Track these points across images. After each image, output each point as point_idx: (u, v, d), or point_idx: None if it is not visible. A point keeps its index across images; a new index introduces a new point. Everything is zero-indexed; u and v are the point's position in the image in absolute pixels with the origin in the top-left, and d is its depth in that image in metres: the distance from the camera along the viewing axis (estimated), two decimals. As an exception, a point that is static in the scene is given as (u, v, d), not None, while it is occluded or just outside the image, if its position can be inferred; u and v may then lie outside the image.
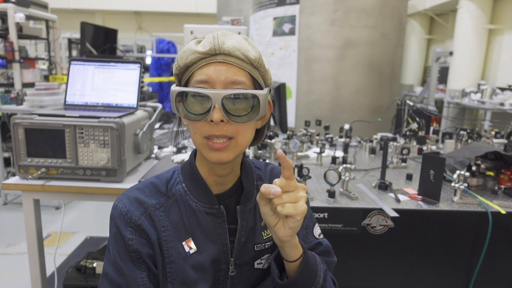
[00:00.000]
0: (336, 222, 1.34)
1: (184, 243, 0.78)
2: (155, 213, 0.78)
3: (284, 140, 2.17)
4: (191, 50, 0.73)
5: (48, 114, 1.46)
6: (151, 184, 0.82)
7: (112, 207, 0.81)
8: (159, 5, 11.11)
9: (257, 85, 0.75)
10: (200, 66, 0.72)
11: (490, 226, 1.30)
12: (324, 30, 3.36)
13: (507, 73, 5.76)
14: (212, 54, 0.71)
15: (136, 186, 0.83)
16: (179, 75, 0.77)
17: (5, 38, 3.62)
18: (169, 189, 0.81)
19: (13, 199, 3.79)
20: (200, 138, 0.73)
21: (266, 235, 0.85)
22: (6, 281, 2.45)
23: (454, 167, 1.53)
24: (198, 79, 0.72)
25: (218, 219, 0.80)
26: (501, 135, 2.34)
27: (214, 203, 0.80)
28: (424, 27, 8.25)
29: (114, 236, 0.78)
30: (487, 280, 1.38)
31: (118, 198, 0.81)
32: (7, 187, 1.48)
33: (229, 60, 0.71)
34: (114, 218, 0.79)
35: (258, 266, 0.85)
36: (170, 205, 0.80)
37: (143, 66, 1.68)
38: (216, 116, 0.69)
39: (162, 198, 0.80)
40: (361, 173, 1.77)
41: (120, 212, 0.78)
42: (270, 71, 0.80)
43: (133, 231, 0.76)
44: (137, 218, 0.77)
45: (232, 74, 0.71)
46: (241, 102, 0.72)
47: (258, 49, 0.76)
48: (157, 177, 0.84)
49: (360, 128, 3.05)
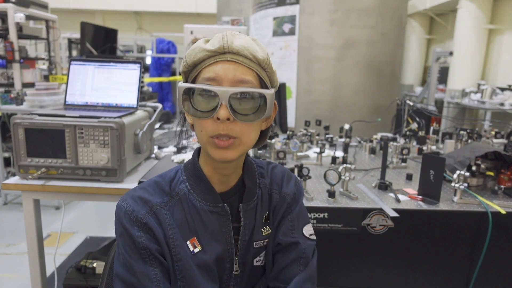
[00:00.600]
0: (336, 222, 1.34)
1: (189, 242, 0.78)
2: (160, 211, 0.78)
3: (284, 140, 2.16)
4: (200, 48, 0.73)
5: (48, 114, 1.46)
6: (154, 183, 0.82)
7: (116, 207, 0.80)
8: (159, 5, 11.11)
9: (264, 86, 0.76)
10: (208, 64, 0.72)
11: (490, 226, 1.30)
12: (324, 30, 3.36)
13: (507, 73, 5.76)
14: (220, 53, 0.72)
15: (139, 186, 0.83)
16: (186, 73, 0.77)
17: (5, 38, 3.62)
18: (172, 188, 0.81)
19: (13, 199, 3.79)
20: (206, 137, 0.73)
21: (265, 232, 0.86)
22: (6, 281, 2.45)
23: (454, 167, 1.53)
24: (206, 76, 0.72)
25: (222, 217, 0.80)
26: (501, 135, 2.34)
27: (218, 201, 0.80)
28: (424, 27, 8.25)
29: (121, 236, 0.77)
30: (487, 280, 1.38)
31: (121, 198, 0.80)
32: (7, 187, 1.48)
33: (237, 59, 0.72)
34: (119, 217, 0.78)
35: (257, 263, 0.86)
36: (174, 204, 0.79)
37: (143, 66, 1.68)
38: (222, 114, 0.69)
39: (166, 197, 0.80)
40: (361, 173, 1.77)
41: (125, 212, 0.77)
42: (277, 73, 0.80)
43: (140, 229, 0.76)
44: (143, 216, 0.76)
45: (240, 73, 0.71)
46: (248, 101, 0.72)
47: (266, 50, 0.77)
48: (160, 176, 0.84)
49: (360, 128, 3.05)
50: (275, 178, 0.91)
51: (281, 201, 0.89)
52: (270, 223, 0.87)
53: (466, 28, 5.89)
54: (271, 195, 0.89)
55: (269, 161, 0.95)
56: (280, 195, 0.89)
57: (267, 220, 0.87)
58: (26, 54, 3.99)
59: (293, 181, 0.92)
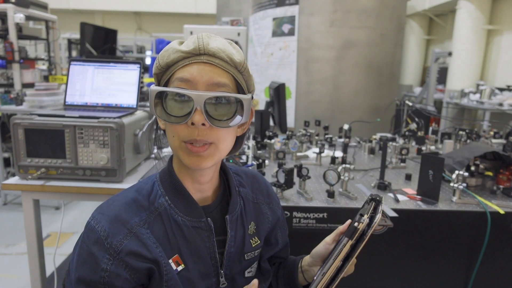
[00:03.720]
0: (335, 222, 1.35)
1: (171, 260, 0.72)
2: (140, 231, 0.70)
3: (283, 140, 2.17)
4: (174, 49, 0.69)
5: (47, 114, 1.46)
6: (131, 200, 0.74)
7: (85, 226, 0.71)
8: (159, 6, 11.12)
9: (240, 90, 0.72)
10: (182, 65, 0.68)
11: (488, 226, 1.30)
12: (323, 30, 3.37)
13: (506, 73, 5.77)
14: (196, 54, 0.68)
15: (113, 201, 0.74)
16: (158, 75, 0.73)
17: (5, 39, 3.62)
18: (151, 203, 0.74)
19: (13, 199, 3.79)
20: (178, 141, 0.69)
21: (254, 243, 0.84)
22: (6, 281, 2.45)
23: (453, 167, 1.53)
24: (179, 76, 0.68)
25: (205, 232, 0.76)
26: (500, 135, 2.35)
27: (201, 216, 0.75)
28: (423, 27, 8.26)
29: (83, 262, 0.68)
30: (486, 280, 1.39)
31: (94, 218, 0.71)
32: (7, 187, 1.48)
33: (213, 61, 0.68)
34: (87, 242, 0.69)
35: (248, 274, 0.85)
36: (153, 220, 0.73)
37: (143, 67, 1.68)
38: (197, 119, 0.65)
39: (144, 214, 0.72)
40: (360, 173, 1.77)
41: (98, 237, 0.68)
42: (253, 78, 0.77)
43: (111, 260, 0.67)
44: (118, 243, 0.68)
45: (216, 75, 0.68)
46: (224, 106, 0.68)
47: (243, 54, 0.73)
48: (136, 190, 0.76)
49: (359, 128, 3.05)
50: (258, 187, 0.91)
51: (272, 213, 0.91)
52: (257, 233, 0.86)
53: (465, 28, 5.90)
54: (258, 205, 0.89)
55: (244, 169, 0.93)
56: (269, 206, 0.91)
57: (254, 231, 0.85)
58: (26, 55, 4.00)
59: (271, 188, 0.96)
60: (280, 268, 0.98)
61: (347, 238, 0.67)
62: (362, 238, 0.67)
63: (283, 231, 0.96)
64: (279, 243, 0.94)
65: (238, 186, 0.86)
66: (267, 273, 0.92)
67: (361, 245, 0.66)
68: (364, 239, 0.66)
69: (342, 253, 0.69)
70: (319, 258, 0.84)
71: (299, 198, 1.42)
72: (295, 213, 1.33)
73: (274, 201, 0.94)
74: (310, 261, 0.87)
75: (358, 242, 0.67)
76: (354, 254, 0.69)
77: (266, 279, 0.91)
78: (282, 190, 1.41)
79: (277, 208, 0.94)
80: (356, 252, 0.68)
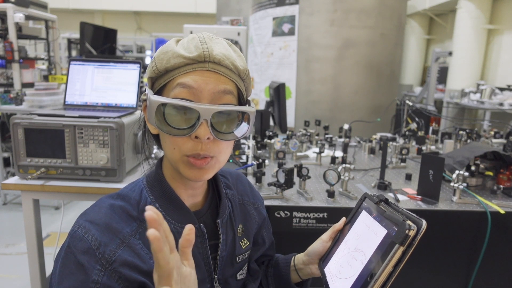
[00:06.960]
0: (335, 222, 1.34)
1: None
2: (133, 241, 0.66)
3: (283, 140, 2.17)
4: (174, 53, 0.65)
5: (47, 114, 1.46)
6: (120, 209, 0.69)
7: (70, 234, 0.64)
8: (159, 5, 11.12)
9: (242, 98, 0.71)
10: (184, 72, 0.64)
11: (489, 225, 1.30)
12: (323, 30, 3.37)
13: (506, 73, 5.77)
14: (200, 61, 0.64)
15: (99, 207, 0.69)
16: (153, 78, 0.68)
17: (5, 38, 3.62)
18: (140, 212, 0.70)
19: (12, 199, 3.79)
20: (180, 155, 0.65)
21: (244, 245, 0.84)
22: (5, 281, 2.45)
23: (453, 167, 1.53)
24: (182, 82, 0.64)
25: (198, 238, 0.73)
26: (500, 135, 2.35)
27: (194, 222, 0.73)
28: (424, 27, 8.26)
29: (69, 274, 0.61)
30: (486, 280, 1.39)
31: (80, 226, 0.65)
32: (6, 187, 1.48)
33: (218, 70, 0.65)
34: (75, 252, 0.62)
35: (240, 277, 0.85)
36: (144, 230, 0.67)
37: (143, 66, 1.68)
38: (203, 133, 0.62)
39: (134, 224, 0.68)
40: (361, 173, 1.77)
41: (88, 247, 0.62)
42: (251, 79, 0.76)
43: (102, 271, 0.61)
44: (112, 253, 0.62)
45: (220, 83, 0.65)
46: (231, 120, 0.66)
47: (244, 59, 0.71)
48: (123, 199, 0.71)
49: (359, 128, 3.05)
50: (243, 188, 0.91)
51: (258, 214, 0.91)
52: (245, 235, 0.86)
53: (466, 28, 5.90)
54: (245, 207, 0.88)
55: (227, 169, 0.91)
56: (254, 207, 0.91)
57: (242, 232, 0.85)
58: (25, 54, 4.00)
59: (253, 187, 0.96)
60: (269, 267, 0.98)
61: (398, 245, 0.69)
62: (412, 243, 0.69)
63: (268, 230, 0.96)
64: (266, 243, 0.94)
65: (225, 188, 0.84)
66: (256, 274, 0.92)
67: (410, 250, 0.69)
68: (414, 244, 0.69)
69: (394, 259, 0.71)
70: (315, 256, 0.84)
71: (299, 198, 1.41)
72: (295, 213, 1.33)
73: (259, 200, 0.94)
74: (306, 259, 0.87)
75: (408, 247, 0.70)
76: (404, 259, 0.70)
77: (255, 279, 0.91)
78: (282, 190, 1.40)
79: (262, 207, 0.94)
80: (406, 257, 0.70)
